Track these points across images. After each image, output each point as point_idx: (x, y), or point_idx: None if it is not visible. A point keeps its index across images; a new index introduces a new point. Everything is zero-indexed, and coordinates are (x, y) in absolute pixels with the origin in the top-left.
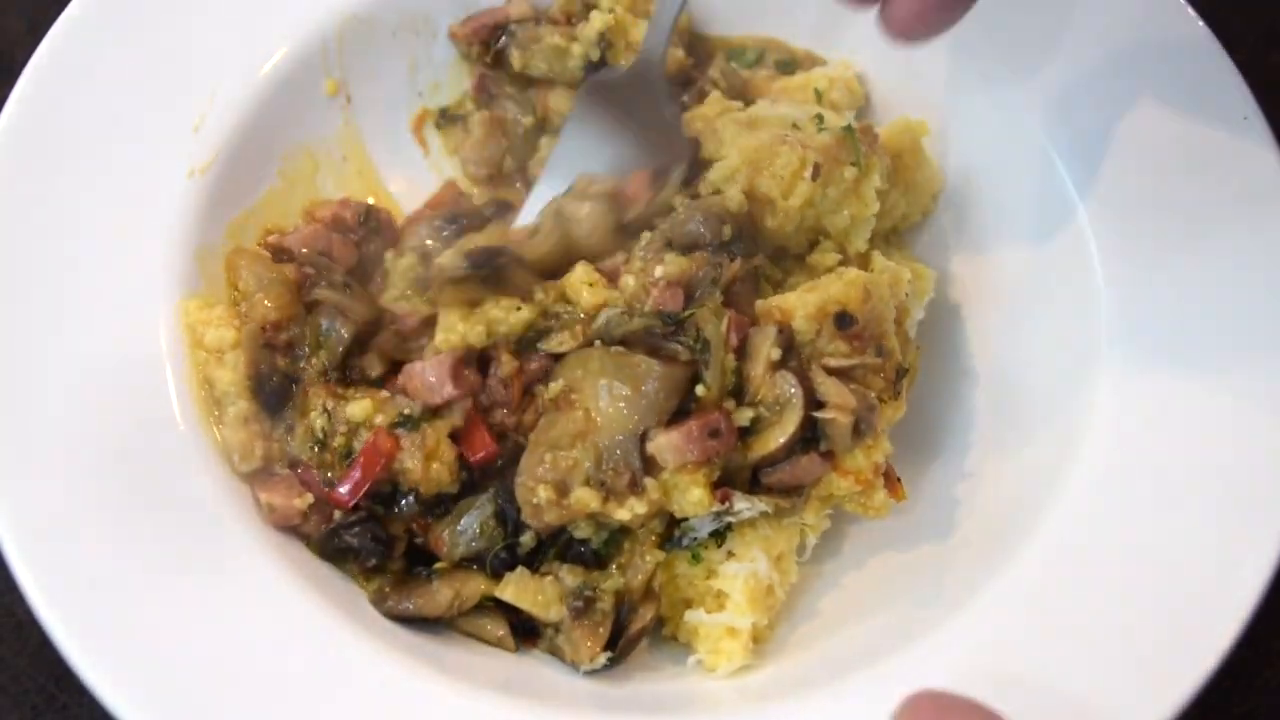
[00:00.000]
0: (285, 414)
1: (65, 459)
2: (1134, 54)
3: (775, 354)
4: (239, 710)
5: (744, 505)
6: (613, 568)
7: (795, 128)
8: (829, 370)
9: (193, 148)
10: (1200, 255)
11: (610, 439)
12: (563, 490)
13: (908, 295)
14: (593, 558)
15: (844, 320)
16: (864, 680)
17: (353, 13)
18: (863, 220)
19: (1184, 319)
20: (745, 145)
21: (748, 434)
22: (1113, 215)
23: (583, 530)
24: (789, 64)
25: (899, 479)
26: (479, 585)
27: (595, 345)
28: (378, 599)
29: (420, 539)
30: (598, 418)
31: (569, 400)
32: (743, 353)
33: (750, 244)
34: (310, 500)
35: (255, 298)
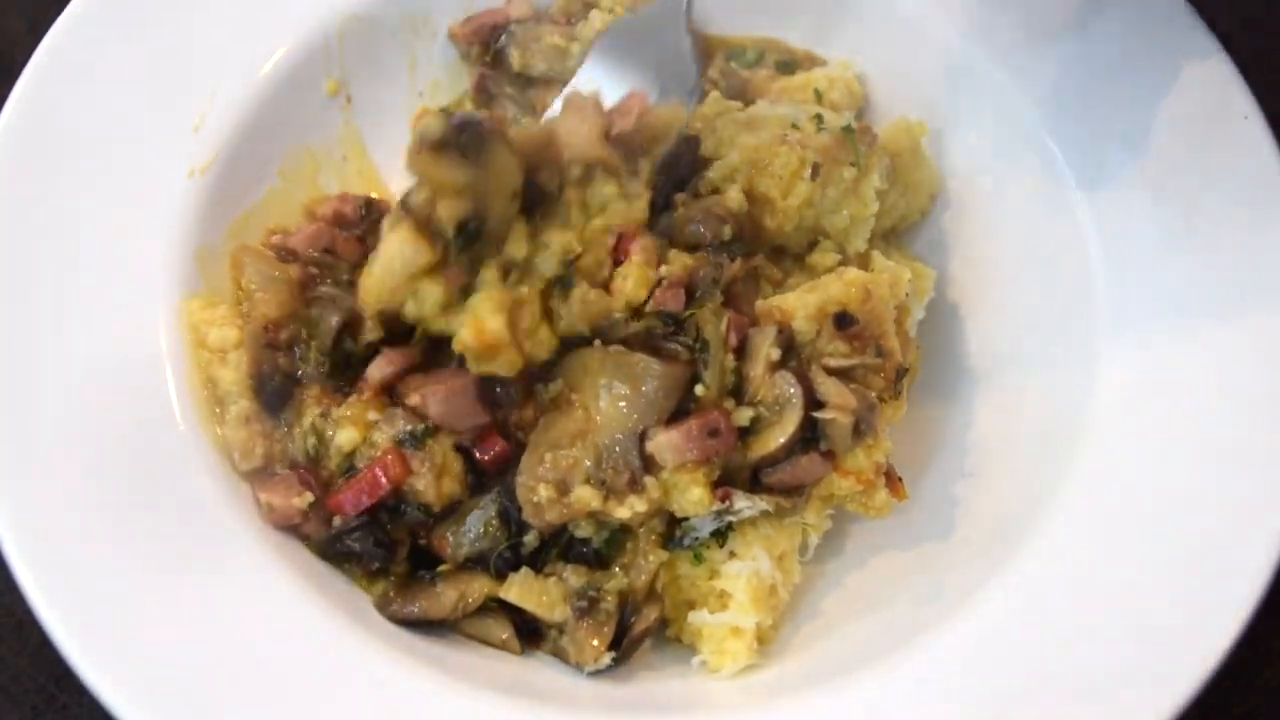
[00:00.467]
0: (286, 414)
1: (65, 459)
2: (1134, 54)
3: (775, 354)
4: (239, 710)
5: (745, 504)
6: (616, 568)
7: (795, 128)
8: (829, 370)
9: (193, 148)
10: (1200, 255)
11: (610, 438)
12: (563, 489)
13: (908, 295)
14: (596, 558)
15: (844, 320)
16: (867, 679)
17: (353, 13)
18: (862, 220)
19: (1183, 319)
20: (745, 144)
21: (747, 434)
22: (1112, 215)
23: (584, 529)
24: (789, 64)
25: (900, 478)
26: (483, 586)
27: (595, 344)
28: (382, 603)
29: (423, 541)
30: (598, 417)
31: (569, 399)
32: (742, 353)
33: (750, 244)
34: (310, 500)
35: (257, 296)
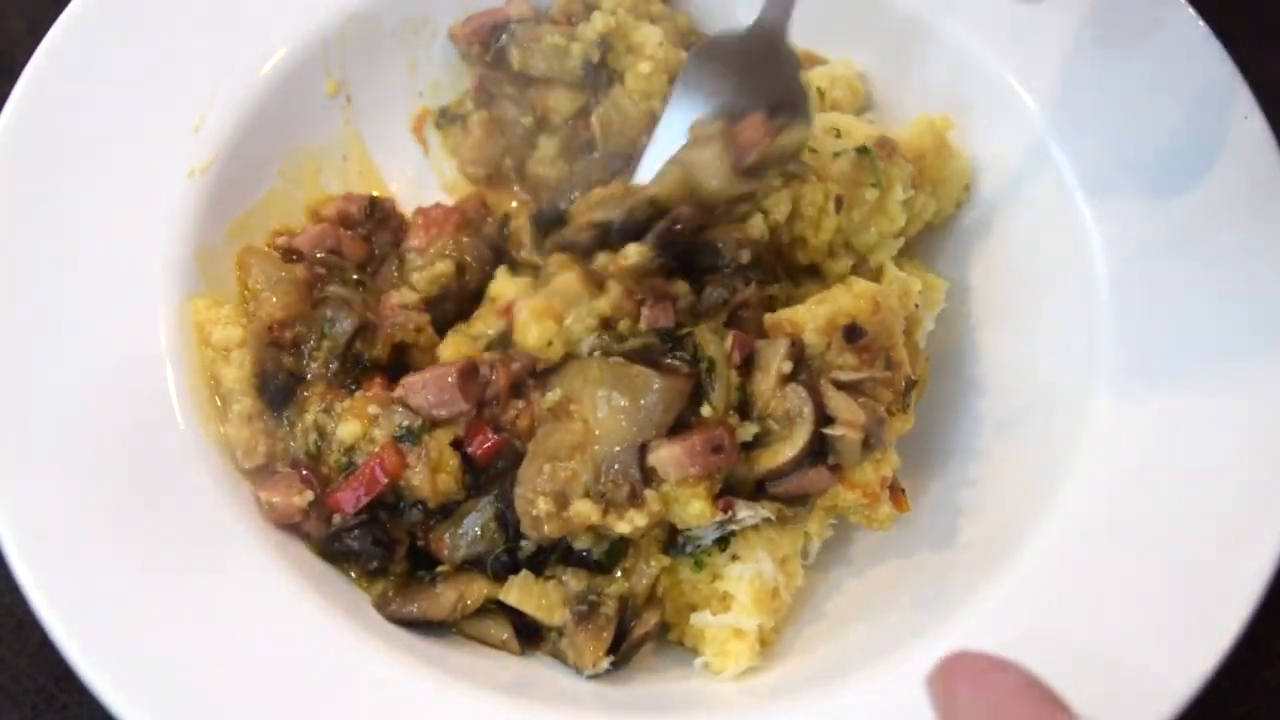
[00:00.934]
0: (289, 412)
1: (65, 459)
2: (1134, 54)
3: (786, 368)
4: (239, 710)
5: (747, 513)
6: (617, 572)
7: (812, 150)
8: (838, 384)
9: (193, 148)
10: (1201, 257)
11: (609, 450)
12: (562, 502)
13: (918, 306)
14: (596, 564)
15: (853, 333)
16: (869, 680)
17: (353, 13)
18: (890, 234)
19: (1185, 322)
20: (777, 200)
21: (753, 447)
22: (1114, 217)
23: (582, 542)
24: None
25: (903, 490)
26: (482, 588)
27: (595, 355)
28: (381, 603)
29: (422, 542)
30: (596, 429)
31: (567, 411)
32: (748, 368)
33: (770, 272)
34: (310, 498)
35: (263, 296)
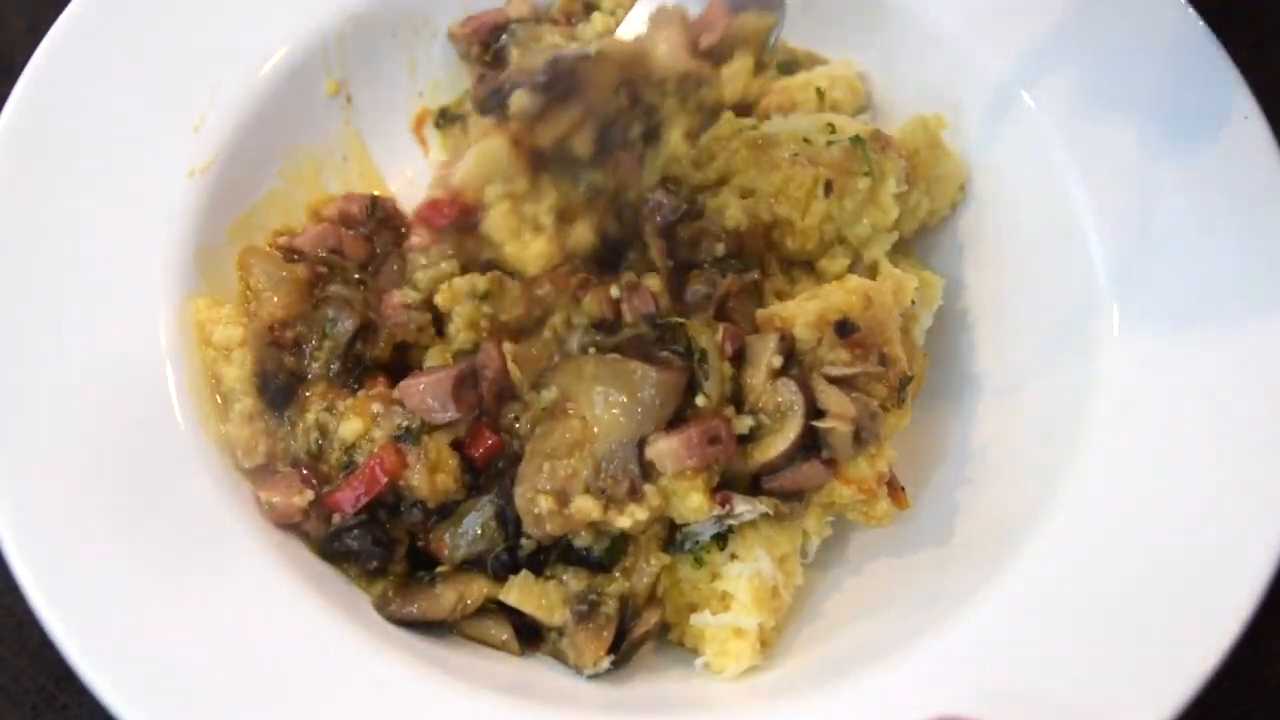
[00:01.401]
0: (289, 411)
1: (65, 459)
2: (1135, 54)
3: (777, 362)
4: (239, 710)
5: (745, 508)
6: (617, 572)
7: (806, 142)
8: (830, 379)
9: (193, 148)
10: (1201, 257)
11: (608, 447)
12: (563, 500)
13: (914, 303)
14: (596, 563)
15: (845, 328)
16: (870, 678)
17: (353, 13)
18: (883, 226)
19: (1184, 321)
20: (757, 170)
21: (747, 441)
22: (1114, 217)
23: (583, 539)
24: (790, 64)
25: (902, 488)
26: (482, 588)
27: (590, 352)
28: (381, 604)
29: (421, 542)
30: (595, 426)
31: (564, 409)
32: (739, 361)
33: (752, 259)
34: (310, 497)
35: (264, 296)
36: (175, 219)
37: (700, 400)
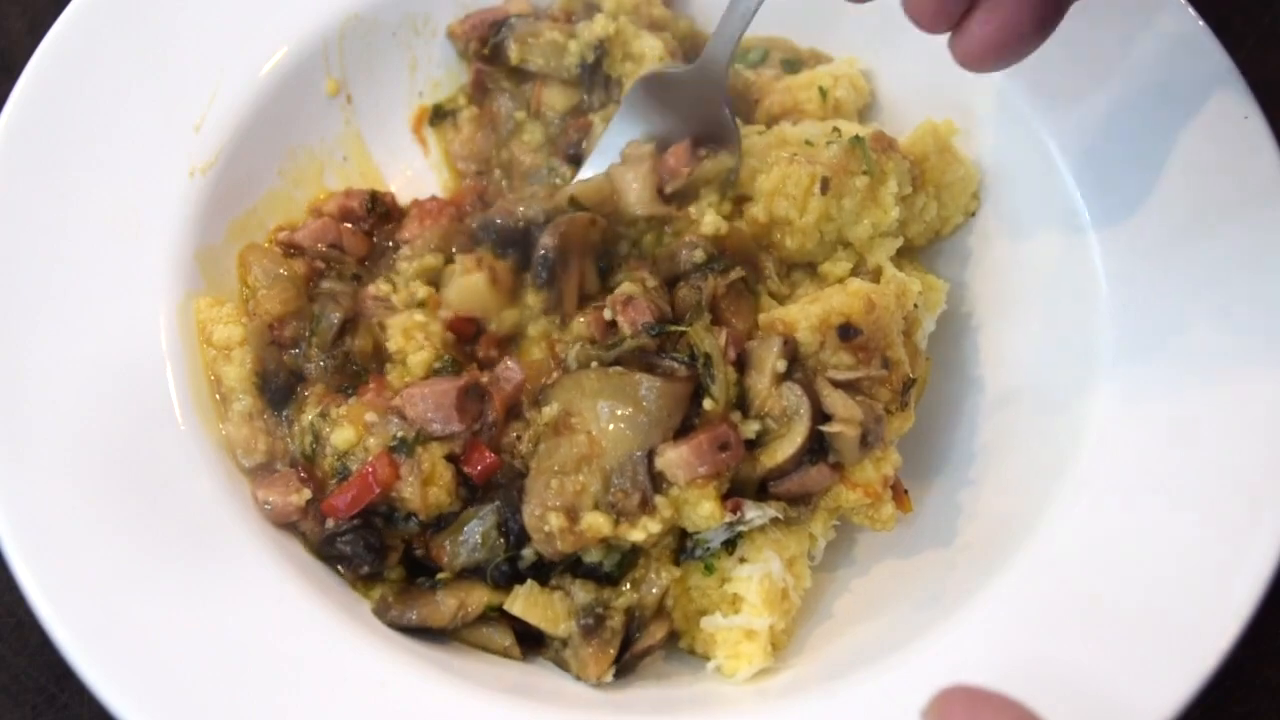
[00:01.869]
0: (289, 411)
1: (65, 459)
2: (1135, 55)
3: (781, 366)
4: (239, 710)
5: (755, 513)
6: (626, 584)
7: (808, 144)
8: (834, 383)
9: (193, 147)
10: (1201, 258)
11: (616, 460)
12: (573, 516)
13: (917, 306)
14: (606, 576)
15: (847, 332)
16: (881, 675)
17: (353, 12)
18: (884, 228)
19: (1184, 321)
20: (760, 175)
21: (754, 446)
22: (1115, 218)
23: (593, 555)
24: (794, 63)
25: (906, 491)
26: (483, 596)
27: (592, 366)
28: (381, 609)
29: (420, 551)
30: (602, 440)
31: (568, 424)
32: (743, 366)
33: (732, 259)
34: (308, 496)
35: (262, 293)
36: (176, 219)
37: (708, 404)
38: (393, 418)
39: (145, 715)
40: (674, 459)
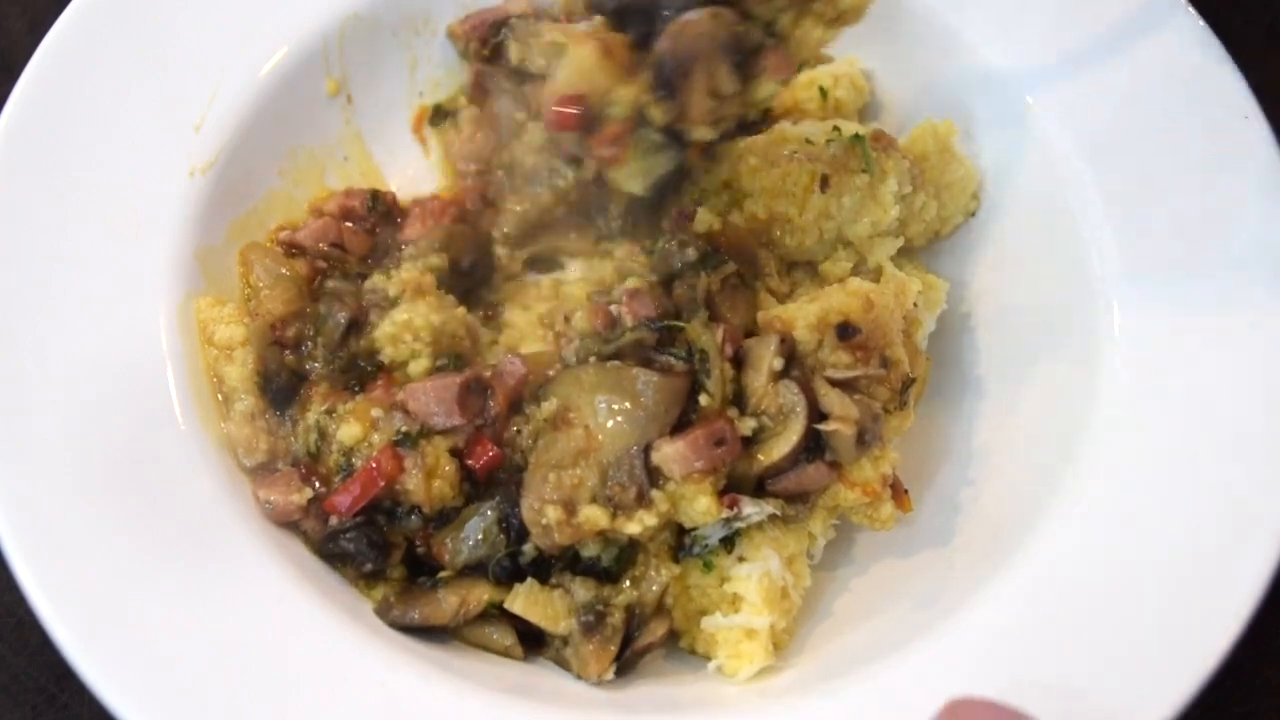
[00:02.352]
0: (291, 411)
1: (66, 459)
2: (1135, 55)
3: (778, 363)
4: (239, 710)
5: (752, 509)
6: (625, 581)
7: (808, 142)
8: (831, 382)
9: (194, 147)
10: (1201, 258)
11: (613, 454)
12: (570, 509)
13: (917, 306)
14: (605, 572)
15: (846, 330)
16: (878, 676)
17: (353, 12)
18: (884, 226)
19: (1184, 322)
20: (760, 173)
21: (751, 444)
22: (1115, 218)
23: (591, 549)
24: None
25: (906, 490)
26: (484, 593)
27: (590, 361)
28: (383, 609)
29: (422, 549)
30: (599, 434)
31: (566, 419)
32: (740, 363)
33: (726, 256)
34: (309, 495)
35: (264, 294)
36: (176, 218)
37: (704, 400)
38: (396, 413)
39: (145, 715)
40: (670, 454)
